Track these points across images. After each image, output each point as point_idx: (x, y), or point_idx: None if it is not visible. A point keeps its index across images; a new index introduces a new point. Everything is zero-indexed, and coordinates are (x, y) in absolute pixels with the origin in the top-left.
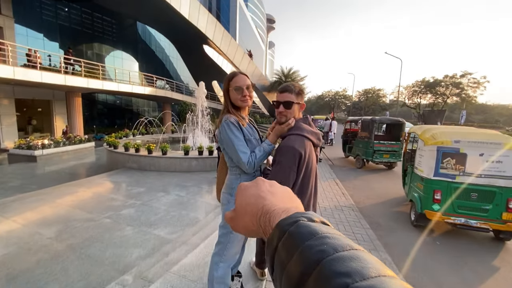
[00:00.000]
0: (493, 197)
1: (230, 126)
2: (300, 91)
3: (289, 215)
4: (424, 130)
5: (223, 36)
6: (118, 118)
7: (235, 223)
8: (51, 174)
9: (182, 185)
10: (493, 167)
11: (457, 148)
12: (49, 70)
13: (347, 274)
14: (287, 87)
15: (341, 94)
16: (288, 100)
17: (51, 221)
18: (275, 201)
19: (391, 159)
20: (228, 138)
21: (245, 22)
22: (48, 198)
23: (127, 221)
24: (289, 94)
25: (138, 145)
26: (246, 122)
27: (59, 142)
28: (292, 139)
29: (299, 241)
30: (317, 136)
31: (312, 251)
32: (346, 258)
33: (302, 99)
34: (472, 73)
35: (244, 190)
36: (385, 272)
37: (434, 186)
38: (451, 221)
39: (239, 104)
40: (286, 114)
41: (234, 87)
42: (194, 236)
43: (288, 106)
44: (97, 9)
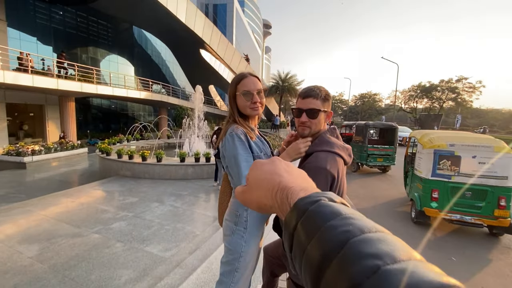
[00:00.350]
0: (485, 195)
1: (234, 139)
2: (327, 96)
3: (308, 194)
4: (423, 134)
5: (220, 40)
6: (113, 123)
7: (246, 197)
8: (40, 182)
9: (177, 194)
10: (485, 168)
11: (452, 151)
12: (41, 74)
13: (377, 255)
14: (311, 91)
15: (337, 99)
16: (313, 108)
17: (34, 237)
18: (292, 179)
19: (384, 162)
20: (230, 154)
21: (242, 27)
22: (34, 209)
23: (117, 237)
24: (313, 99)
25: (131, 152)
26: (256, 135)
27: (50, 148)
28: (323, 158)
29: (321, 220)
30: (348, 152)
31: (336, 231)
32: (375, 239)
33: (329, 105)
34: (468, 77)
35: (260, 165)
36: (415, 256)
37: (432, 185)
38: (448, 217)
39: (248, 113)
40: (310, 126)
41: (242, 91)
42: (191, 255)
43: (313, 115)
44: (93, 13)
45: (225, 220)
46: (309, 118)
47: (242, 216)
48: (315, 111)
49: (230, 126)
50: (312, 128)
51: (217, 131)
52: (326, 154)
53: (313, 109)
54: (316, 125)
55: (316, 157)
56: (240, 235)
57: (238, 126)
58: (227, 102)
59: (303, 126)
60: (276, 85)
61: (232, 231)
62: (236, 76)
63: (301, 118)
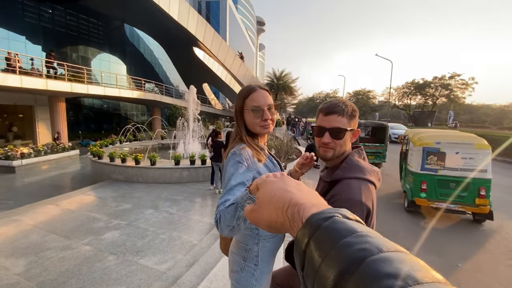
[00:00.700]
0: (467, 186)
1: (235, 158)
2: (353, 112)
3: (321, 210)
4: (414, 133)
5: (213, 38)
6: (105, 123)
7: (256, 215)
8: (30, 187)
9: (173, 199)
10: (467, 162)
11: (438, 148)
12: (29, 75)
13: (398, 276)
14: (335, 107)
15: (331, 96)
16: (338, 127)
17: (21, 251)
18: (302, 195)
19: (375, 160)
20: (226, 170)
21: (235, 25)
22: (22, 219)
23: (109, 248)
24: (338, 117)
25: (124, 155)
26: (266, 155)
27: (41, 150)
28: (356, 187)
29: (336, 237)
30: (378, 176)
31: (352, 249)
32: (394, 259)
33: (356, 122)
34: (460, 74)
35: (269, 183)
36: (438, 278)
37: (421, 178)
38: (435, 206)
39: (257, 131)
40: (334, 147)
41: (252, 107)
42: (189, 271)
43: (337, 135)
44: (83, 11)
45: (231, 253)
46: (333, 138)
47: (252, 251)
48: (340, 130)
49: (236, 145)
50: (337, 150)
51: (212, 133)
52: (358, 182)
53: (338, 128)
54: (341, 146)
55: (348, 187)
56: (251, 273)
57: (245, 146)
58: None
59: (325, 148)
60: (271, 83)
61: (241, 268)
62: (243, 89)
63: (323, 138)
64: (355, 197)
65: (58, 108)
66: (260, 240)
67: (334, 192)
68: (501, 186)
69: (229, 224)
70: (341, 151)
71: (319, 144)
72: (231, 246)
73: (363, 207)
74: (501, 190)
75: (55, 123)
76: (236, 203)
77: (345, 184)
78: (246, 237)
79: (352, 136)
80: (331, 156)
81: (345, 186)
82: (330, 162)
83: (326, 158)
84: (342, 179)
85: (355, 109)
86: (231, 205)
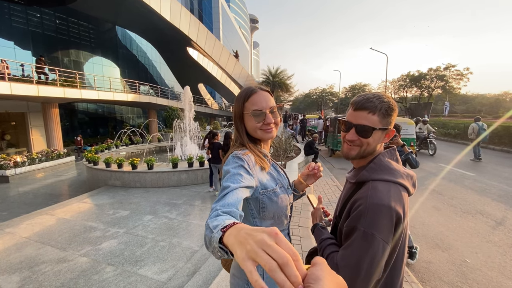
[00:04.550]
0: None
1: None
2: (390, 109)
3: None
4: None
5: (207, 37)
6: (101, 127)
7: None
8: (25, 197)
9: (172, 203)
10: (405, 132)
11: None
12: (20, 81)
13: None
14: (367, 102)
15: (328, 91)
16: (366, 125)
17: (15, 266)
18: None
19: None
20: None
21: (229, 23)
22: (15, 231)
23: (107, 259)
24: (368, 114)
25: (120, 160)
26: (270, 163)
27: (35, 158)
28: (384, 191)
29: None
30: (412, 181)
31: None
32: None
33: (392, 121)
34: (455, 65)
35: None
36: None
37: None
38: None
39: (259, 136)
40: (361, 144)
41: (252, 111)
42: (190, 280)
43: (364, 133)
44: (72, 14)
45: (233, 276)
46: (359, 136)
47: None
48: (368, 129)
49: (236, 150)
50: (363, 148)
51: (208, 134)
52: (387, 185)
53: (365, 126)
54: (369, 145)
55: (375, 190)
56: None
57: (247, 152)
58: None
59: (350, 145)
60: (267, 81)
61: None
62: (242, 92)
63: (348, 134)
64: (382, 202)
65: (52, 114)
66: None
67: (359, 196)
68: (503, 178)
69: (207, 246)
70: (368, 150)
71: (344, 140)
72: (232, 267)
73: (391, 213)
74: (502, 181)
75: (49, 130)
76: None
77: (371, 187)
78: None
79: (385, 136)
80: (355, 155)
81: (371, 190)
82: (356, 162)
83: (350, 157)
84: (368, 180)
85: (392, 107)
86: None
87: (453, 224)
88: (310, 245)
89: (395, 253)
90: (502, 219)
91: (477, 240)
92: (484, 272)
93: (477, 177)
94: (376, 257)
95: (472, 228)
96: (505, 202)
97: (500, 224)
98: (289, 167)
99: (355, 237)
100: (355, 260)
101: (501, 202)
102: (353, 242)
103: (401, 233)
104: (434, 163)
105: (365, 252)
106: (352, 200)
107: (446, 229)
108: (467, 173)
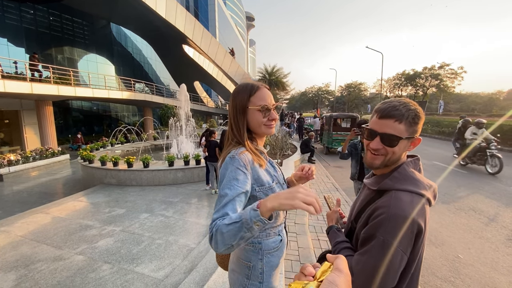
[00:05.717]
0: None
1: (234, 164)
2: (416, 117)
3: None
4: None
5: (202, 35)
6: (96, 125)
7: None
8: (19, 196)
9: (168, 201)
10: None
11: None
12: (13, 79)
13: None
14: (394, 110)
15: (324, 90)
16: (392, 134)
17: (11, 264)
18: None
19: None
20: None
21: (225, 21)
22: (10, 230)
23: (104, 257)
24: (395, 122)
25: (116, 158)
26: (267, 159)
27: (29, 157)
28: (406, 201)
29: None
30: (434, 193)
31: None
32: None
33: (418, 130)
34: (449, 64)
35: None
36: None
37: None
38: None
39: (262, 131)
40: (386, 153)
41: (262, 106)
42: (187, 277)
43: (390, 142)
44: (66, 11)
45: (232, 271)
46: (384, 144)
47: (256, 268)
48: (394, 138)
49: (233, 149)
50: (388, 157)
51: (206, 132)
52: (410, 196)
53: (391, 135)
54: (394, 154)
55: (398, 200)
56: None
57: (244, 150)
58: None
59: (374, 155)
60: (263, 79)
61: (244, 287)
62: (246, 86)
63: (373, 143)
64: (404, 213)
65: (46, 112)
66: (265, 255)
67: (380, 205)
68: (495, 175)
69: (227, 243)
70: (392, 159)
71: (367, 148)
72: (231, 263)
73: (413, 224)
74: (496, 178)
75: (43, 128)
76: (241, 222)
77: (394, 197)
78: (249, 253)
79: (411, 145)
80: (379, 164)
81: (394, 199)
82: (378, 170)
83: (374, 166)
84: (391, 190)
85: (419, 115)
86: (234, 224)
87: (446, 220)
88: (306, 242)
89: (414, 265)
90: (495, 215)
91: (470, 236)
92: (477, 267)
93: (470, 175)
94: (393, 267)
95: (465, 225)
96: (497, 199)
97: (492, 220)
98: (286, 165)
99: (373, 245)
100: (371, 267)
101: (494, 200)
102: (370, 249)
103: (420, 245)
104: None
105: (382, 260)
106: (372, 208)
107: (440, 225)
108: (460, 171)
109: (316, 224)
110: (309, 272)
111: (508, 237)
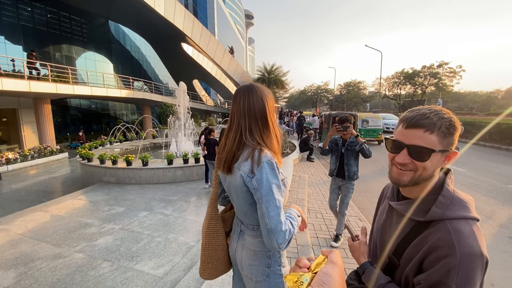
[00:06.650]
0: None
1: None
2: (451, 127)
3: None
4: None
5: (201, 33)
6: (94, 124)
7: None
8: (18, 194)
9: (167, 199)
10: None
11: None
12: (11, 77)
13: None
14: (423, 119)
15: (323, 88)
16: (422, 146)
17: (10, 262)
18: None
19: None
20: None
21: (224, 19)
22: (9, 228)
23: (103, 255)
24: (425, 133)
25: (115, 157)
26: None
27: (27, 155)
28: (470, 234)
29: None
30: None
31: None
32: None
33: (454, 142)
34: (448, 62)
35: None
36: None
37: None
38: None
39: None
40: (415, 169)
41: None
42: (187, 274)
43: (420, 156)
44: (64, 8)
45: (250, 266)
46: (413, 158)
47: (275, 255)
48: (424, 150)
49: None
50: (418, 173)
51: (205, 130)
52: (467, 224)
53: (421, 147)
54: (426, 169)
55: (460, 234)
56: (278, 274)
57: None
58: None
59: (401, 170)
60: (262, 78)
61: (267, 274)
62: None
63: (399, 156)
64: (473, 251)
65: (44, 110)
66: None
67: (438, 243)
68: (494, 173)
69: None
70: (423, 176)
71: (392, 163)
72: (247, 259)
73: (483, 260)
74: (492, 176)
75: (41, 126)
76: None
77: (453, 231)
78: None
79: (445, 159)
80: (408, 181)
81: (455, 234)
82: (407, 190)
83: (401, 183)
84: (443, 219)
85: (454, 124)
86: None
87: None
88: (305, 240)
89: None
90: (491, 213)
91: None
92: None
93: (468, 173)
94: None
95: None
96: (494, 197)
97: (489, 218)
98: (285, 163)
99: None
100: None
101: (490, 197)
102: None
103: (483, 276)
104: None
105: None
106: (425, 246)
107: None
108: (458, 169)
109: (315, 222)
110: (304, 264)
111: (505, 235)
